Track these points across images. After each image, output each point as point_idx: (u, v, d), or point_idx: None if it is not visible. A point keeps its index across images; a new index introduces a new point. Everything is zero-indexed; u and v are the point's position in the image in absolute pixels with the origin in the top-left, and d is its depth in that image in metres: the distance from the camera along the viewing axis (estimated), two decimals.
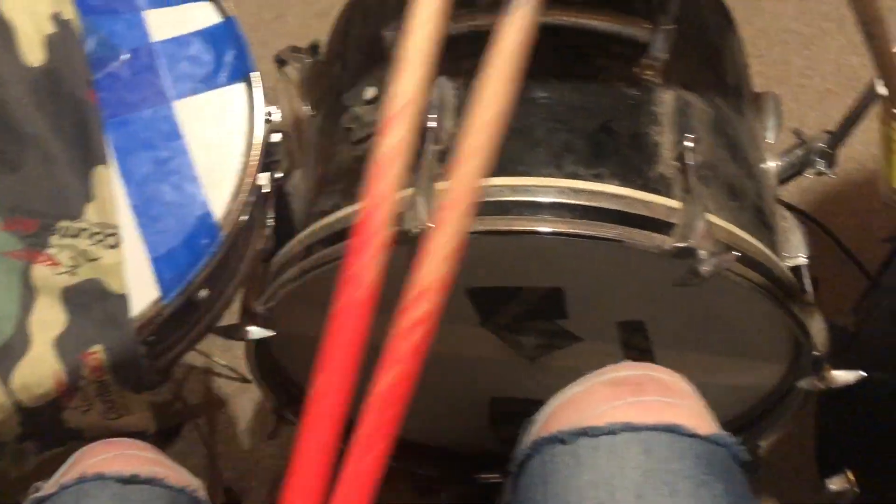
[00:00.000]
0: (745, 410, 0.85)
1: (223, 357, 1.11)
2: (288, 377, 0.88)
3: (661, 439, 0.46)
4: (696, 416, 0.49)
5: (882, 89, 0.61)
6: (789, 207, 1.04)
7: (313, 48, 0.95)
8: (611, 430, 0.47)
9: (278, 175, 0.69)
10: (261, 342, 0.76)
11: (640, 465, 0.45)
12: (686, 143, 0.67)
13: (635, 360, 0.80)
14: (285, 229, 0.74)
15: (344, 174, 0.74)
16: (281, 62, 0.95)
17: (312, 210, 0.73)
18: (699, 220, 0.62)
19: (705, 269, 0.60)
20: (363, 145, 0.75)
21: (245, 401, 1.11)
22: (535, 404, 0.89)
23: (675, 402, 0.50)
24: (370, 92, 0.76)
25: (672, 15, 0.72)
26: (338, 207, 0.70)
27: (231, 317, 0.73)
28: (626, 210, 0.63)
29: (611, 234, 0.62)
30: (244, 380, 1.10)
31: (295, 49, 1.09)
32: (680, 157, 0.66)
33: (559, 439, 0.48)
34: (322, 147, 0.79)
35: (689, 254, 0.61)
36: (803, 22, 1.54)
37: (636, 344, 0.78)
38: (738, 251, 0.63)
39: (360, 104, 0.76)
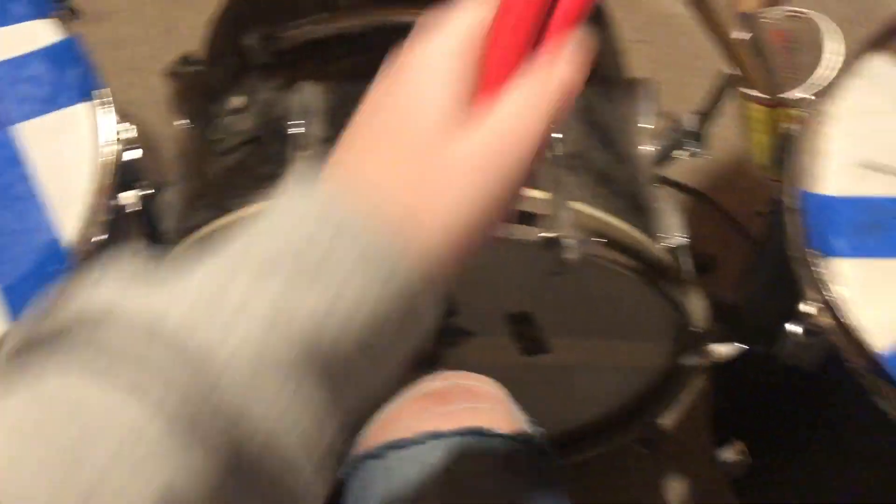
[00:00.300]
0: (642, 389, 0.87)
1: None
2: None
3: (464, 443, 0.48)
4: (499, 417, 0.51)
5: (731, 69, 0.62)
6: (682, 188, 1.07)
7: (184, 60, 0.93)
8: (417, 441, 0.48)
9: (146, 192, 0.67)
10: None
11: (445, 470, 0.47)
12: (553, 135, 0.67)
13: (528, 350, 0.81)
14: (155, 247, 0.73)
15: (213, 187, 0.73)
16: (173, 75, 0.92)
17: (182, 226, 0.72)
18: (564, 210, 0.63)
19: (571, 257, 0.60)
20: (231, 156, 0.73)
21: None
22: None
23: (480, 406, 0.52)
24: (236, 101, 0.75)
25: None
26: (207, 222, 0.69)
27: None
28: None
29: None
30: None
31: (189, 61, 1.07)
32: (548, 148, 0.67)
33: (371, 455, 0.49)
34: (191, 161, 0.78)
35: (555, 244, 0.61)
36: (683, 11, 1.56)
37: (527, 334, 0.78)
38: (605, 237, 0.64)
39: (227, 115, 0.75)
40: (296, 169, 0.64)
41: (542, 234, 0.61)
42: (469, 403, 0.51)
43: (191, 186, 0.75)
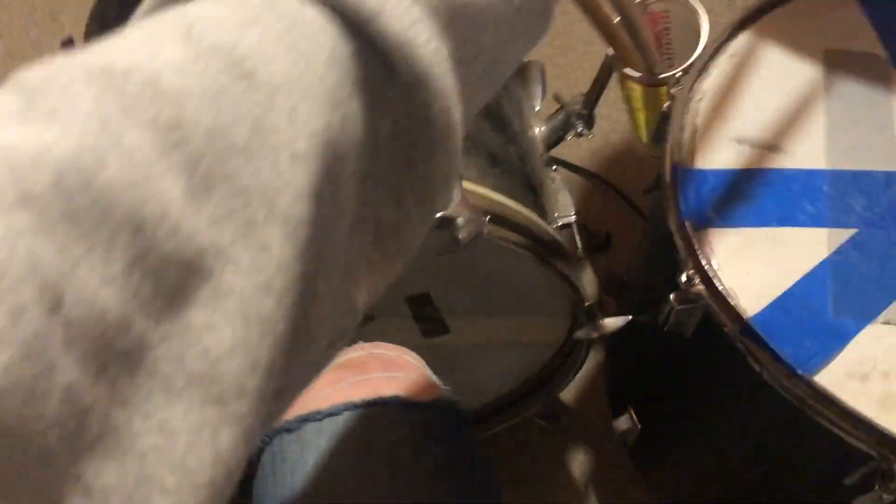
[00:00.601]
0: (541, 365, 0.89)
1: None
2: None
3: (381, 412, 0.48)
4: (416, 385, 0.52)
5: (610, 50, 0.64)
6: (575, 169, 1.10)
7: (67, 42, 0.89)
8: (332, 412, 0.48)
9: None
10: None
11: (361, 440, 0.47)
12: None
13: (430, 332, 0.82)
14: None
15: None
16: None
17: None
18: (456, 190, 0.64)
19: (462, 235, 0.62)
20: None
21: None
22: None
23: (396, 375, 0.52)
24: None
25: None
26: None
27: None
28: None
29: None
30: None
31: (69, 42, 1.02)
32: None
33: (285, 428, 0.49)
34: None
35: (449, 223, 0.62)
36: None
37: (427, 315, 0.79)
38: (497, 216, 0.65)
39: None
40: None
41: (438, 216, 0.62)
42: (385, 373, 0.51)
43: None
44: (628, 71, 0.65)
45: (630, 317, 0.74)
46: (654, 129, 0.70)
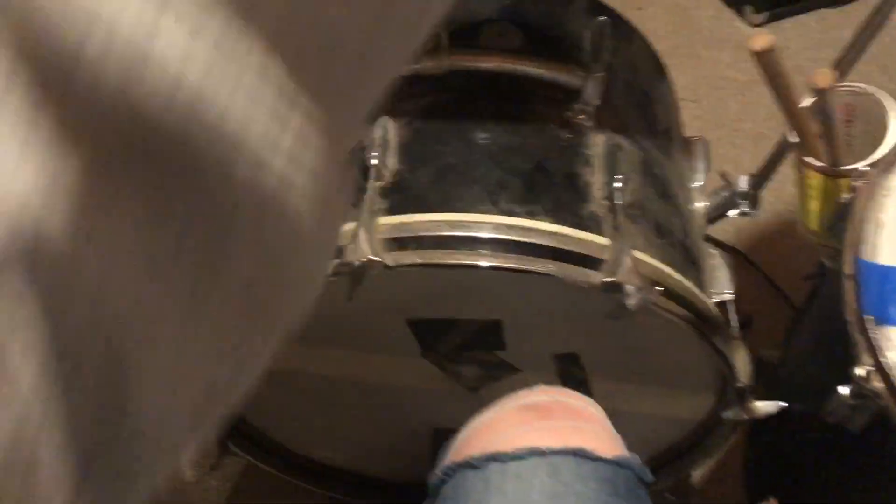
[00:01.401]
0: (678, 440, 0.88)
1: None
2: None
3: (567, 463, 0.48)
4: (602, 439, 0.52)
5: (794, 138, 0.65)
6: (723, 246, 1.10)
7: None
8: (518, 455, 0.48)
9: None
10: None
11: (546, 488, 0.47)
12: (615, 184, 0.70)
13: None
14: None
15: None
16: None
17: None
18: (626, 257, 0.65)
19: (631, 303, 0.63)
20: None
21: None
22: None
23: (581, 426, 0.52)
24: None
25: (604, 63, 0.77)
26: None
27: None
28: (558, 246, 0.66)
29: (544, 268, 0.65)
30: None
31: None
32: (609, 197, 0.70)
33: (470, 464, 0.50)
34: None
35: (616, 288, 0.64)
36: (738, 69, 1.62)
37: (573, 375, 0.81)
38: (662, 286, 0.67)
39: None
40: (369, 195, 0.68)
41: (604, 279, 0.64)
42: (572, 422, 0.52)
43: None
44: (810, 160, 0.66)
45: (785, 403, 0.73)
46: (827, 218, 0.70)
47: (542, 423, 0.51)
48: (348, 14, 0.17)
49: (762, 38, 0.52)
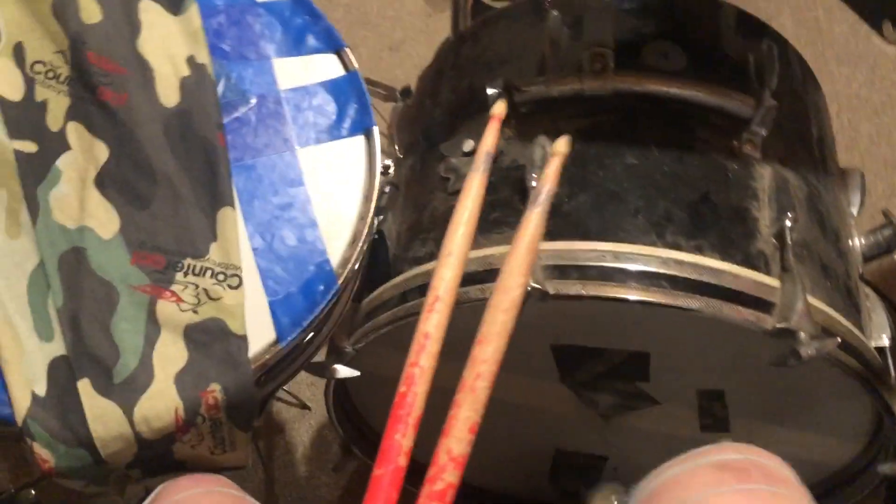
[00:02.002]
0: (811, 483, 0.85)
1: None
2: (359, 414, 0.90)
3: None
4: None
5: None
6: (871, 287, 1.05)
7: (405, 92, 0.97)
8: None
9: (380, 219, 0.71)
10: (340, 379, 0.78)
11: None
12: (786, 221, 0.67)
13: (709, 427, 0.80)
14: (376, 270, 0.76)
15: (439, 223, 0.76)
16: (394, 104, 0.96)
17: (406, 255, 0.75)
18: (799, 301, 0.62)
19: (807, 352, 0.60)
20: (457, 198, 0.76)
21: (303, 428, 1.12)
22: (597, 460, 0.89)
23: (780, 491, 0.50)
24: (468, 145, 0.78)
25: (772, 89, 0.74)
26: (433, 256, 0.72)
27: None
28: (726, 285, 0.64)
29: (710, 308, 0.63)
30: (304, 406, 1.12)
31: (370, 82, 1.11)
32: (779, 235, 0.67)
33: None
34: (416, 193, 0.81)
35: (789, 335, 0.61)
36: (873, 89, 1.54)
37: (713, 412, 0.78)
38: (835, 334, 0.64)
39: (458, 156, 0.78)
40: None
41: (776, 325, 0.61)
42: (769, 486, 0.50)
43: (413, 218, 0.78)
44: None
45: None
46: None
47: (740, 486, 0.49)
48: None
49: None
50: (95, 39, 0.60)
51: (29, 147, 0.58)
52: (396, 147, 0.89)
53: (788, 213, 0.68)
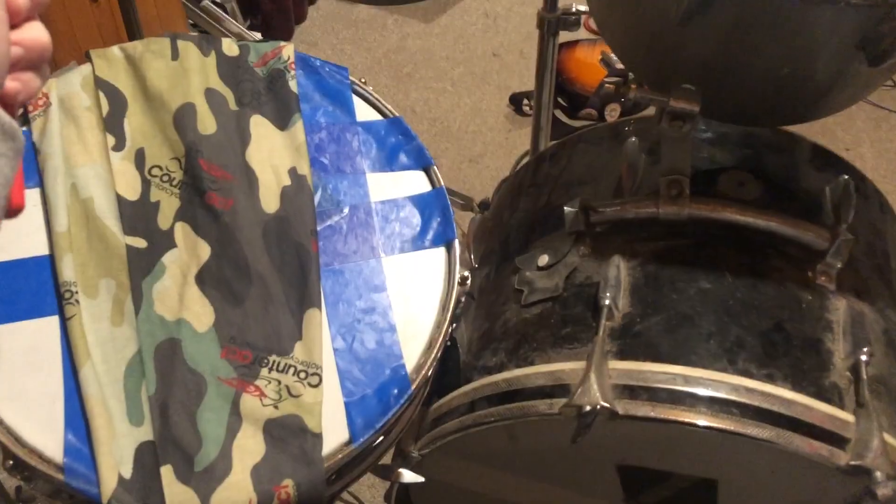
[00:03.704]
0: None
1: None
2: None
3: None
4: None
5: None
6: None
7: (483, 204, 1.01)
8: None
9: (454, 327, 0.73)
10: (404, 483, 0.79)
11: None
12: (861, 356, 0.67)
13: None
14: (447, 376, 0.78)
15: (511, 334, 0.78)
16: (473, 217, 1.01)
17: (477, 364, 0.77)
18: (875, 438, 0.61)
19: (883, 492, 0.59)
20: (532, 309, 0.78)
21: None
22: None
23: None
24: (543, 259, 0.81)
25: (847, 223, 0.74)
26: (503, 366, 0.74)
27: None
28: (796, 416, 0.63)
29: (779, 439, 0.62)
30: None
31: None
32: (854, 368, 0.67)
33: None
34: (489, 302, 0.84)
35: (864, 473, 0.60)
36: None
37: None
38: None
39: (533, 269, 0.81)
40: (600, 336, 0.68)
41: (850, 462, 0.60)
42: None
43: (485, 327, 0.80)
44: None
45: None
46: None
47: None
48: None
49: None
50: (209, 148, 0.66)
51: (140, 243, 0.64)
52: (472, 256, 0.92)
53: (864, 347, 0.67)
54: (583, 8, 0.95)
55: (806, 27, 0.66)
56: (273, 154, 0.67)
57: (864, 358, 0.67)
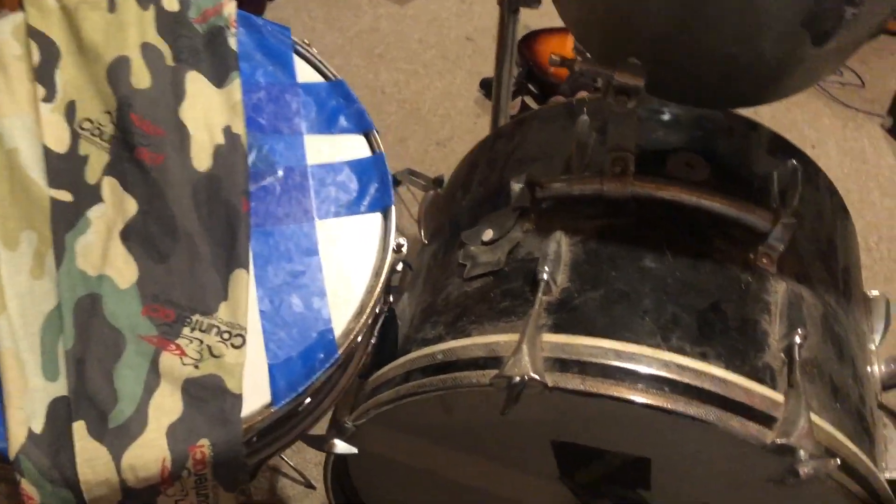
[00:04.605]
0: None
1: (293, 458, 1.12)
2: (357, 495, 0.89)
3: None
4: None
5: None
6: (892, 415, 1.02)
7: (438, 181, 1.00)
8: None
9: (391, 298, 0.73)
10: (340, 455, 0.78)
11: None
12: (796, 338, 0.67)
13: None
14: (385, 349, 0.77)
15: (452, 307, 0.77)
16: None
17: (416, 336, 0.76)
18: (802, 418, 0.61)
19: (805, 470, 0.59)
20: (473, 283, 0.78)
21: None
22: None
23: None
24: (488, 234, 0.80)
25: (792, 208, 0.74)
26: (441, 339, 0.73)
27: (319, 425, 0.75)
28: (727, 395, 0.63)
29: (709, 416, 0.62)
30: (309, 485, 1.11)
31: (413, 172, 1.15)
32: (788, 350, 0.67)
33: None
34: (434, 277, 0.83)
35: (788, 452, 0.60)
36: None
37: None
38: (838, 456, 0.62)
39: (477, 244, 0.80)
40: (536, 309, 0.67)
41: (776, 440, 0.60)
42: None
43: (427, 301, 0.80)
44: None
45: None
46: None
47: None
48: None
49: None
50: (141, 103, 0.65)
51: (65, 196, 0.62)
52: (422, 233, 0.92)
53: (799, 330, 0.67)
54: None
55: (751, 4, 0.65)
56: (208, 112, 0.66)
57: (798, 340, 0.67)
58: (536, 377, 0.63)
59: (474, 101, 1.79)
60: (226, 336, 0.58)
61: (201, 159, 0.64)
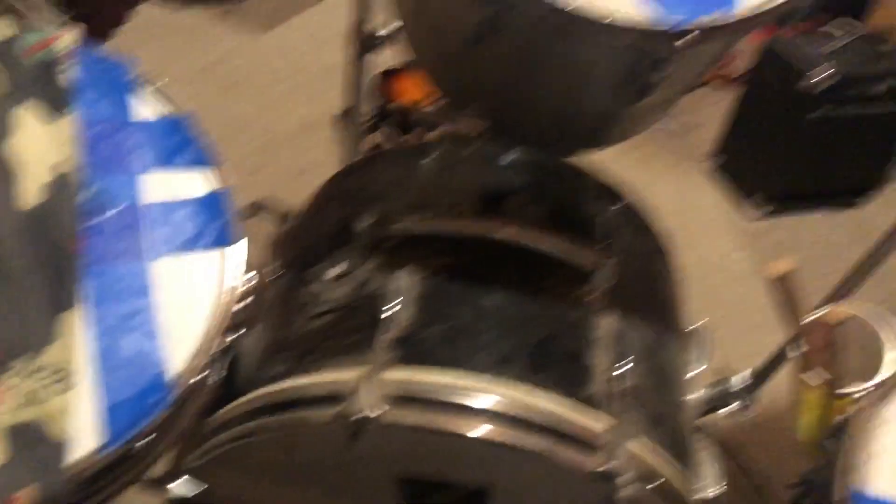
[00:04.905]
0: None
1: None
2: None
3: None
4: None
5: (792, 353, 0.68)
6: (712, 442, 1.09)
7: (284, 216, 1.00)
8: None
9: (234, 336, 0.72)
10: (183, 499, 0.76)
11: None
12: (620, 369, 0.72)
13: None
14: (228, 386, 0.76)
15: (298, 344, 0.78)
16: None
17: (261, 373, 0.76)
18: (622, 446, 0.66)
19: (623, 494, 0.63)
20: (320, 320, 0.78)
21: None
22: None
23: None
24: (335, 271, 0.81)
25: (617, 249, 0.80)
26: (286, 376, 0.73)
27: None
28: (554, 426, 0.67)
29: (537, 447, 0.65)
30: None
31: (262, 206, 1.14)
32: (612, 381, 0.71)
33: None
34: (281, 312, 0.83)
35: (608, 478, 0.64)
36: (735, 259, 1.67)
37: None
38: (655, 480, 0.67)
39: (325, 281, 0.81)
40: (379, 346, 0.69)
41: (596, 469, 0.64)
42: None
43: (272, 337, 0.80)
44: (807, 377, 0.68)
45: None
46: (818, 434, 0.71)
47: None
48: None
49: (784, 264, 0.55)
50: None
51: None
52: (271, 267, 0.91)
53: (623, 361, 0.72)
54: (384, 33, 0.97)
55: (573, 69, 0.71)
56: (35, 148, 0.64)
57: (621, 371, 0.72)
58: (373, 416, 0.64)
59: (332, 133, 1.81)
60: (51, 380, 0.56)
61: (27, 197, 0.62)
